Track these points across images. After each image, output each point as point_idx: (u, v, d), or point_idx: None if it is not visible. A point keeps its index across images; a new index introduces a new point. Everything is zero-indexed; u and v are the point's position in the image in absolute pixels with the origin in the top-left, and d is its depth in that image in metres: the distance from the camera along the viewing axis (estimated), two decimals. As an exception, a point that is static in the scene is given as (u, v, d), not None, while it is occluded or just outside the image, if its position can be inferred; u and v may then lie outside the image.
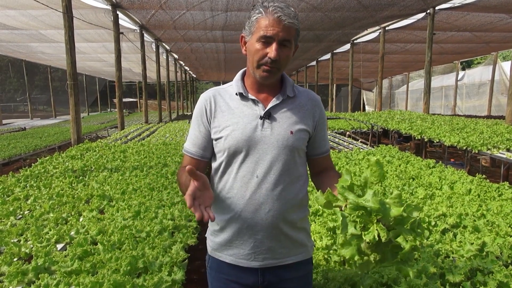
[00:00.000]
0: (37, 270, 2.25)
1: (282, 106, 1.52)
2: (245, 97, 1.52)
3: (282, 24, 1.38)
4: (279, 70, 1.45)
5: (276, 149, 1.46)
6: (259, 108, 1.50)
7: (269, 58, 1.40)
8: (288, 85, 1.55)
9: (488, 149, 5.94)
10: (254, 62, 1.45)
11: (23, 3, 10.23)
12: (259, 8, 1.42)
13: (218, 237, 1.58)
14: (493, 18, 12.13)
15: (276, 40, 1.39)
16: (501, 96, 18.88)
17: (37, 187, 4.28)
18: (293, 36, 1.43)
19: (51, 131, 13.09)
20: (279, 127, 1.48)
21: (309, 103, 1.57)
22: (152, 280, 2.03)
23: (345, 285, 2.13)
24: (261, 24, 1.40)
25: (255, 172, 1.46)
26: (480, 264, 2.26)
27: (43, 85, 35.01)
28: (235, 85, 1.55)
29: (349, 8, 10.86)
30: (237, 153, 1.47)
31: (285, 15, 1.38)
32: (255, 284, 1.57)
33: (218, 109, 1.52)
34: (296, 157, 1.52)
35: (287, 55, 1.44)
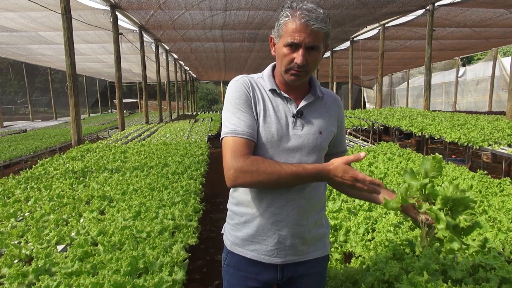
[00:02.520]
0: (38, 271, 2.24)
1: (312, 106, 1.54)
2: (278, 93, 1.52)
3: (310, 29, 1.36)
4: (307, 73, 1.46)
5: (306, 148, 1.49)
6: (292, 106, 1.51)
7: (296, 63, 1.40)
8: (316, 86, 1.57)
9: (489, 145, 5.92)
10: (282, 66, 1.45)
11: (22, 5, 10.23)
12: (286, 10, 1.40)
13: (240, 231, 1.56)
14: (492, 13, 12.09)
15: (303, 46, 1.38)
16: (501, 91, 18.84)
17: (38, 189, 4.27)
18: (321, 40, 1.41)
19: (51, 133, 13.10)
20: (310, 126, 1.50)
21: (333, 104, 1.61)
22: (153, 280, 2.02)
23: (346, 283, 2.13)
24: (289, 29, 1.39)
25: None
26: (482, 260, 2.25)
27: (43, 87, 35.06)
28: (267, 81, 1.53)
29: (348, 6, 10.83)
30: (268, 148, 1.46)
31: (313, 19, 1.36)
32: (273, 280, 1.58)
33: (256, 97, 1.50)
34: (321, 157, 1.55)
35: (315, 59, 1.43)
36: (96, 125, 18.21)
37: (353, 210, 3.40)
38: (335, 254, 2.58)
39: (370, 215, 3.14)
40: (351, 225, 2.97)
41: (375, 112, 12.55)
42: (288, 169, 1.36)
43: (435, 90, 23.23)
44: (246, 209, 1.53)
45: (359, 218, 3.08)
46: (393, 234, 2.71)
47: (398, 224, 2.93)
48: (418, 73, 27.81)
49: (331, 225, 2.99)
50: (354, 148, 6.84)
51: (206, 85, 52.25)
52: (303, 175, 1.36)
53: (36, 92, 36.42)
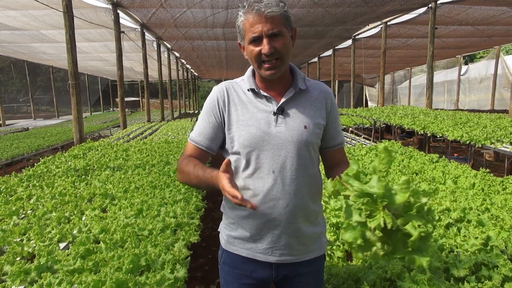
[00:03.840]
0: (40, 269, 2.25)
1: (295, 100, 1.51)
2: (257, 93, 1.51)
3: (264, 17, 1.35)
4: (281, 61, 1.42)
5: (291, 144, 1.46)
6: (272, 104, 1.49)
7: (264, 54, 1.38)
8: (299, 78, 1.53)
9: (491, 143, 5.90)
10: (254, 63, 1.44)
11: (24, 3, 10.24)
12: (240, 11, 1.41)
13: (235, 231, 1.57)
14: (495, 11, 12.05)
15: (264, 36, 1.37)
16: (504, 90, 18.79)
17: (40, 187, 4.28)
18: (281, 24, 1.39)
19: (53, 131, 13.12)
20: (293, 122, 1.47)
21: (321, 95, 1.56)
22: (155, 278, 2.02)
23: (348, 280, 2.12)
24: (246, 26, 1.39)
25: (271, 167, 1.45)
26: (484, 258, 2.24)
27: (45, 85, 35.09)
28: (247, 81, 1.53)
29: (350, 4, 10.82)
30: (252, 149, 1.46)
31: (263, 6, 1.35)
32: (269, 278, 1.57)
33: (231, 102, 1.51)
34: (312, 152, 1.51)
35: (283, 43, 1.40)
36: (98, 123, 18.23)
37: (355, 208, 3.39)
38: (337, 252, 2.57)
39: (372, 213, 3.14)
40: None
41: (377, 110, 12.53)
42: (196, 172, 1.37)
43: (437, 89, 23.17)
44: (238, 212, 1.53)
45: (361, 216, 3.08)
46: (395, 232, 2.70)
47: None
48: (420, 71, 27.75)
49: (333, 223, 2.99)
50: (356, 146, 6.83)
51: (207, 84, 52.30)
52: (203, 180, 1.37)
53: (38, 90, 36.47)
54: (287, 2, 10.47)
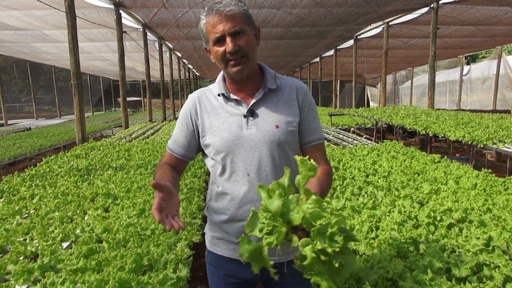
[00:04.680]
0: (43, 268, 2.26)
1: (265, 101, 1.50)
2: (227, 97, 1.51)
3: (224, 16, 1.36)
4: (247, 57, 1.42)
5: (263, 146, 1.45)
6: (243, 107, 1.49)
7: (228, 52, 1.38)
8: (268, 77, 1.52)
9: (493, 143, 5.89)
10: (221, 64, 1.44)
11: (26, 3, 10.26)
12: (201, 16, 1.43)
13: (218, 232, 1.59)
14: (497, 11, 12.03)
15: (227, 34, 1.37)
16: (506, 90, 18.75)
17: (43, 186, 4.30)
18: (242, 22, 1.39)
19: (56, 131, 13.15)
20: (263, 123, 1.47)
21: (292, 92, 1.54)
22: (157, 277, 2.03)
23: (350, 280, 2.13)
24: (209, 28, 1.40)
25: (246, 170, 1.46)
26: (486, 259, 2.24)
27: (47, 85, 35.16)
28: (217, 86, 1.54)
29: (352, 4, 10.81)
30: (226, 153, 1.47)
31: (222, 6, 1.36)
32: (254, 279, 1.57)
33: (203, 110, 1.53)
34: (288, 151, 1.50)
35: (246, 41, 1.40)
36: (100, 123, 18.26)
37: (356, 208, 3.40)
38: (339, 252, 2.58)
39: (374, 213, 3.14)
40: (355, 223, 2.97)
41: (379, 110, 12.52)
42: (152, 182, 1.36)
43: (439, 89, 23.13)
44: (219, 216, 1.54)
45: (363, 216, 3.08)
46: (397, 232, 2.70)
47: (402, 222, 2.93)
48: (422, 71, 27.70)
49: (335, 223, 2.99)
50: (358, 146, 6.83)
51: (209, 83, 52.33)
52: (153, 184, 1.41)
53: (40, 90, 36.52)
54: (289, 2, 10.48)
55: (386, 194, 3.75)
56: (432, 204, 3.35)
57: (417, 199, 3.52)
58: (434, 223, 2.89)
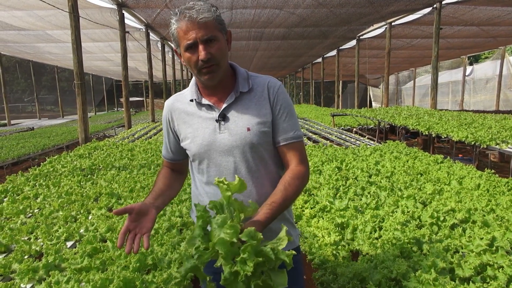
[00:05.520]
0: (48, 267, 2.27)
1: (237, 104, 1.49)
2: (199, 102, 1.51)
3: (197, 23, 1.34)
4: (218, 66, 1.41)
5: (236, 149, 1.45)
6: (215, 111, 1.49)
7: (201, 60, 1.37)
8: (240, 80, 1.50)
9: (496, 144, 5.88)
10: (193, 70, 1.43)
11: (30, 3, 10.29)
12: (172, 19, 1.41)
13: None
14: (500, 11, 12.00)
15: (199, 42, 1.36)
16: (509, 91, 18.69)
17: (46, 186, 4.31)
18: (214, 29, 1.38)
19: (58, 131, 13.18)
20: (235, 126, 1.46)
21: (264, 91, 1.51)
22: (162, 277, 2.04)
23: (354, 280, 2.13)
24: (180, 34, 1.38)
25: (221, 175, 1.46)
26: (490, 259, 2.24)
27: (50, 85, 35.24)
28: (189, 91, 1.54)
29: (354, 4, 10.80)
30: (202, 159, 1.50)
31: (195, 13, 1.34)
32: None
33: (178, 116, 1.54)
34: (263, 152, 1.49)
35: (218, 49, 1.39)
36: (102, 123, 18.29)
37: (360, 208, 3.40)
38: (342, 252, 2.58)
39: (377, 213, 3.14)
40: (358, 223, 2.97)
41: (382, 111, 12.51)
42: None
43: (442, 89, 23.08)
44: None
45: (366, 217, 3.08)
46: (400, 233, 2.71)
47: (405, 222, 2.93)
48: (425, 71, 27.65)
49: (338, 223, 3.00)
50: (361, 146, 6.83)
51: (211, 84, 52.33)
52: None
53: (43, 90, 36.62)
54: (292, 3, 10.48)
55: (389, 194, 3.75)
56: (435, 204, 3.35)
57: (420, 199, 3.52)
58: (437, 224, 2.89)
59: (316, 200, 3.67)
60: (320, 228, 2.97)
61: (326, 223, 3.02)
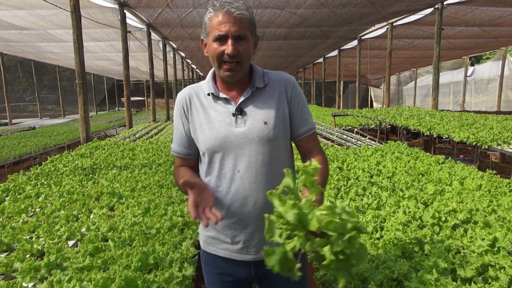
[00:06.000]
0: (50, 266, 2.28)
1: (253, 98, 1.52)
2: (216, 96, 1.52)
3: (233, 17, 1.37)
4: (241, 65, 1.44)
5: (252, 143, 1.47)
6: (231, 105, 1.50)
7: (227, 54, 1.39)
8: (256, 76, 1.54)
9: (498, 144, 5.87)
10: (215, 62, 1.45)
11: (31, 3, 10.31)
12: (209, 8, 1.43)
13: (210, 231, 1.60)
14: (502, 12, 11.99)
15: (230, 36, 1.38)
16: (510, 91, 18.68)
17: (48, 185, 4.32)
18: (247, 28, 1.42)
19: (60, 130, 13.20)
20: (252, 120, 1.48)
21: (280, 86, 1.55)
22: (163, 276, 2.04)
23: (355, 280, 2.13)
24: (214, 23, 1.40)
25: (236, 167, 1.48)
26: (491, 260, 2.24)
27: (51, 84, 35.28)
28: (206, 85, 1.55)
29: (356, 4, 10.80)
30: (216, 151, 1.49)
31: (234, 7, 1.37)
32: (249, 278, 1.59)
33: (193, 108, 1.54)
34: (278, 146, 1.51)
35: (246, 48, 1.42)
36: (103, 122, 18.31)
37: (361, 208, 3.40)
38: (344, 252, 2.58)
39: (378, 214, 3.14)
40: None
41: (383, 111, 12.51)
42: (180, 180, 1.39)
43: (443, 90, 23.07)
44: None
45: (368, 217, 3.08)
46: (401, 233, 2.70)
47: (407, 223, 2.93)
48: (426, 72, 27.64)
49: (339, 223, 3.00)
50: (362, 147, 6.83)
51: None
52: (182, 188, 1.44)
53: (44, 89, 36.66)
54: (294, 3, 10.48)
55: (390, 194, 3.74)
56: (436, 205, 3.35)
57: (421, 199, 3.52)
58: (439, 224, 2.89)
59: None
60: (322, 228, 2.97)
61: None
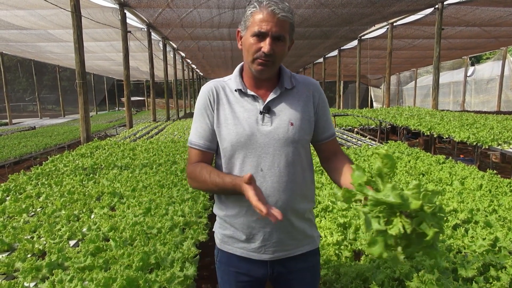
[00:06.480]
0: (51, 266, 2.27)
1: (281, 99, 1.52)
2: (244, 93, 1.52)
3: (276, 18, 1.38)
4: (274, 64, 1.45)
5: (277, 142, 1.47)
6: (259, 103, 1.51)
7: (263, 52, 1.40)
8: (285, 77, 1.55)
9: (498, 144, 5.88)
10: (249, 57, 1.45)
11: (32, 3, 10.31)
12: (254, 2, 1.43)
13: (227, 230, 1.59)
14: (502, 12, 11.99)
15: (270, 35, 1.39)
16: (510, 91, 18.68)
17: (49, 185, 4.32)
18: (287, 31, 1.43)
19: (60, 130, 13.20)
20: (279, 120, 1.49)
21: (307, 90, 1.57)
22: (165, 276, 2.04)
23: (356, 280, 2.13)
24: (256, 19, 1.40)
25: (259, 166, 1.47)
26: (492, 259, 2.24)
27: (51, 84, 35.29)
28: (234, 81, 1.55)
29: (356, 4, 10.80)
30: (239, 148, 1.48)
31: (279, 8, 1.38)
32: (264, 276, 1.59)
33: (220, 101, 1.53)
34: (300, 148, 1.52)
35: (282, 49, 1.44)
36: (103, 122, 18.32)
37: (362, 208, 3.40)
38: (345, 252, 2.58)
39: (379, 214, 3.14)
40: (361, 223, 2.97)
41: (383, 111, 12.51)
42: (213, 179, 1.40)
43: (443, 90, 23.08)
44: (228, 211, 1.55)
45: (368, 217, 3.08)
46: (402, 233, 2.70)
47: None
48: (426, 72, 27.64)
49: (340, 223, 3.00)
50: (362, 147, 6.83)
51: (212, 84, 52.41)
52: (222, 186, 1.40)
53: (44, 89, 36.67)
54: (294, 3, 10.48)
55: (391, 194, 3.74)
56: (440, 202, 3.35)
57: (422, 199, 3.52)
58: (439, 224, 2.89)
59: (318, 200, 3.67)
60: (323, 228, 2.97)
61: (329, 223, 3.03)
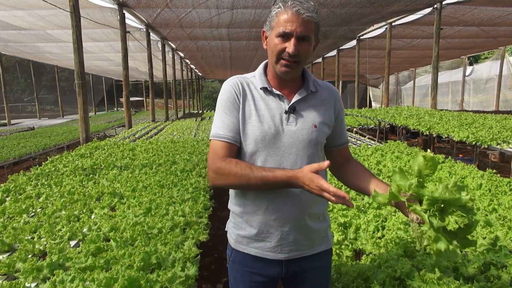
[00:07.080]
0: (52, 266, 2.27)
1: (306, 101, 1.54)
2: (269, 91, 1.53)
3: (301, 18, 1.38)
4: (298, 65, 1.46)
5: (301, 143, 1.48)
6: (284, 103, 1.51)
7: (288, 53, 1.41)
8: (310, 80, 1.57)
9: (497, 144, 5.89)
10: (273, 57, 1.46)
11: (30, 3, 10.30)
12: (279, 2, 1.43)
13: (243, 230, 1.58)
14: (501, 12, 12.02)
15: (294, 36, 1.39)
16: (508, 91, 18.71)
17: (48, 185, 4.31)
18: (312, 31, 1.43)
19: (59, 131, 13.18)
20: (303, 121, 1.50)
21: (330, 96, 1.60)
22: (166, 276, 2.04)
23: (358, 279, 2.14)
24: (280, 19, 1.41)
25: (281, 165, 1.48)
26: (493, 258, 2.25)
27: (50, 85, 35.24)
28: (259, 79, 1.55)
29: (355, 4, 10.81)
30: (263, 146, 1.48)
31: (304, 8, 1.38)
32: (279, 275, 1.60)
33: (246, 97, 1.52)
34: (319, 150, 1.56)
35: (307, 50, 1.44)
36: (102, 123, 18.30)
37: (362, 208, 3.40)
38: (346, 251, 2.59)
39: (379, 213, 3.15)
40: (361, 223, 2.97)
41: (382, 111, 12.52)
42: (258, 173, 1.37)
43: (442, 89, 23.10)
44: (247, 208, 1.55)
45: (369, 216, 3.09)
46: (403, 232, 2.71)
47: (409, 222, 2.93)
48: (425, 72, 27.67)
49: (340, 223, 3.01)
50: (362, 146, 6.83)
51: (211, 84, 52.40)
52: (272, 180, 1.36)
53: (43, 90, 36.61)
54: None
55: (391, 194, 3.74)
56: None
57: (422, 199, 3.52)
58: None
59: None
60: (323, 228, 2.98)
61: (329, 222, 3.03)
